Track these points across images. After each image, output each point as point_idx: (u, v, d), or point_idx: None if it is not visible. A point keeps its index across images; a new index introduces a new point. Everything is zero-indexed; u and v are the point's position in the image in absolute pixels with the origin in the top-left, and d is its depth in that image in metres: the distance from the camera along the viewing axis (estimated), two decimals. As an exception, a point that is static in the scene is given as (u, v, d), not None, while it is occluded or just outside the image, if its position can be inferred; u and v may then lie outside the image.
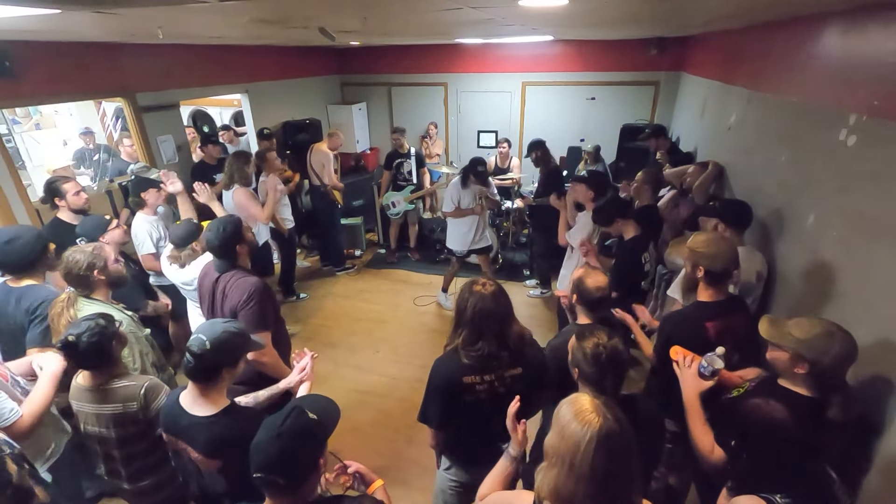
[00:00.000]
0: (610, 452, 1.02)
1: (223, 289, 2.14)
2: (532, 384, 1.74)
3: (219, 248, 2.13)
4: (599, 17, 2.91)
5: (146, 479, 1.81)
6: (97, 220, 2.76)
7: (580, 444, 1.02)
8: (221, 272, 2.17)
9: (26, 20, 2.03)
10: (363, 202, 6.10)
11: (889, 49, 1.66)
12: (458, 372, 1.67)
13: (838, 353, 1.36)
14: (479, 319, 1.63)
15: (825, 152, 2.00)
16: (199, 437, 1.50)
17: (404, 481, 2.80)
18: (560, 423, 1.09)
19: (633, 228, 2.82)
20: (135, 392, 1.68)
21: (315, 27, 2.90)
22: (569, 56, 6.26)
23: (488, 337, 1.64)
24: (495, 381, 1.68)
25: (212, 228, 2.15)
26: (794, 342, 1.40)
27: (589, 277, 1.93)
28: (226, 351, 1.51)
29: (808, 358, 1.38)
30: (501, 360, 1.67)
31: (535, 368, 1.76)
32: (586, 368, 1.44)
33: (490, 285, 1.68)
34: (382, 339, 4.31)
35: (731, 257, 1.89)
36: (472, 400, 1.69)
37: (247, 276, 2.14)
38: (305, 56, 6.53)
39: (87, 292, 2.13)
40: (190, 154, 5.00)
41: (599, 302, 1.92)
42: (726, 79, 3.70)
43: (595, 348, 1.42)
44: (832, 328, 1.39)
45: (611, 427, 1.03)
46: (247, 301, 2.05)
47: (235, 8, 1.94)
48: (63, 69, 3.65)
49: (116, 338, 1.70)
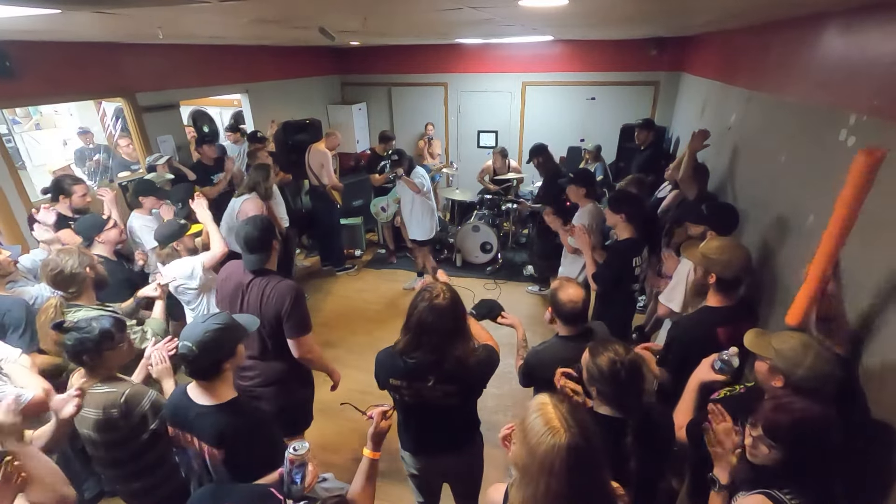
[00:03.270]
0: (581, 468, 1.02)
1: (261, 293, 2.08)
2: (471, 401, 1.75)
3: (258, 241, 2.08)
4: (599, 17, 2.91)
5: (136, 482, 1.78)
6: (94, 220, 2.76)
7: (553, 464, 1.01)
8: (254, 271, 2.11)
9: (26, 20, 2.03)
10: (363, 202, 6.10)
11: (889, 49, 1.66)
12: (390, 371, 1.70)
13: (812, 366, 1.32)
14: (422, 331, 1.60)
15: (825, 152, 2.00)
16: (206, 426, 1.50)
17: (404, 481, 2.80)
18: (528, 439, 1.06)
19: (629, 231, 2.80)
20: (115, 399, 1.65)
21: (315, 27, 2.90)
22: (569, 56, 6.26)
23: (426, 349, 1.61)
24: (423, 391, 1.66)
25: (249, 223, 2.12)
26: (772, 353, 1.40)
27: (561, 291, 1.88)
28: (214, 349, 1.51)
29: (781, 369, 1.36)
30: (434, 374, 1.63)
31: (476, 387, 1.74)
32: (605, 388, 1.38)
33: (443, 298, 1.61)
34: (382, 340, 4.23)
35: (743, 265, 1.88)
36: (399, 399, 1.72)
37: (283, 279, 2.13)
38: (305, 56, 6.53)
39: (74, 295, 2.09)
40: (190, 154, 5.00)
41: (572, 315, 1.88)
42: (726, 79, 3.70)
43: (612, 365, 1.34)
44: (809, 341, 1.38)
45: (579, 442, 1.02)
46: (292, 306, 2.05)
47: (235, 8, 1.94)
48: (63, 69, 3.65)
49: (96, 352, 1.66)
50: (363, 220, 6.04)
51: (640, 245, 2.81)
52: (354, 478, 1.47)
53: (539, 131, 6.51)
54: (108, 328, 1.68)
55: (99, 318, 1.72)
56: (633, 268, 2.75)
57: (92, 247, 2.61)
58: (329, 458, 2.97)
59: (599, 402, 1.46)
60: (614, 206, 2.81)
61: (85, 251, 2.15)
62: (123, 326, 1.80)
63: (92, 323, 1.66)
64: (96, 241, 2.65)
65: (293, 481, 1.29)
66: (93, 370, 1.70)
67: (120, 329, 1.75)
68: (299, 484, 1.29)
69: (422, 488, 2.13)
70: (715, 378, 1.67)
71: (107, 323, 1.69)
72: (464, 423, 1.89)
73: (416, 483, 2.11)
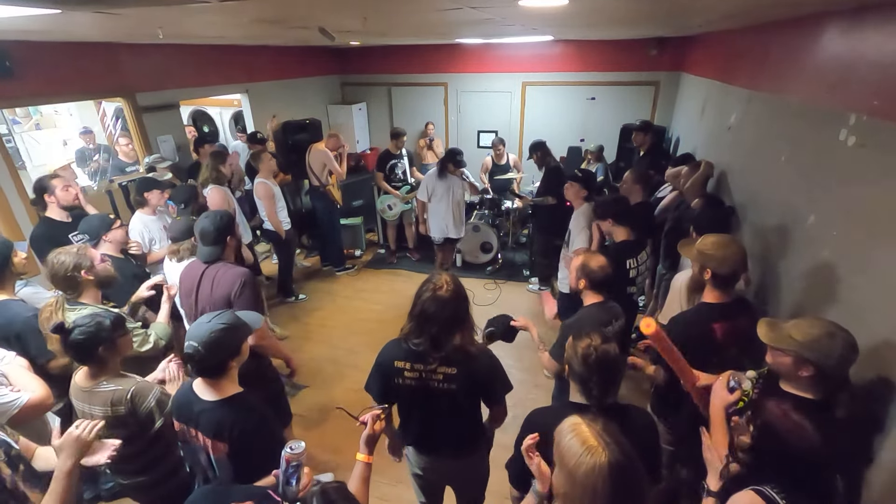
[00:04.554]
0: (625, 486, 0.99)
1: (212, 280, 2.21)
2: (471, 393, 1.76)
3: (213, 234, 2.22)
4: (599, 17, 2.91)
5: (141, 476, 1.82)
6: (101, 219, 2.76)
7: (596, 486, 0.98)
8: (208, 262, 2.24)
9: (26, 20, 2.03)
10: (363, 202, 6.10)
11: (889, 49, 1.66)
12: (394, 354, 1.75)
13: (842, 354, 1.33)
14: (424, 319, 1.65)
15: (825, 152, 2.00)
16: (209, 420, 1.52)
17: (403, 480, 2.80)
18: (566, 462, 1.04)
19: (623, 233, 2.80)
20: (121, 396, 1.67)
21: (315, 27, 2.91)
22: (569, 56, 6.26)
23: (426, 336, 1.66)
24: (424, 373, 1.70)
25: (209, 216, 2.25)
26: (796, 345, 1.37)
27: (591, 260, 2.10)
28: (221, 347, 1.52)
29: (813, 360, 1.35)
30: (435, 359, 1.68)
31: (478, 380, 1.73)
32: (576, 367, 1.47)
33: (446, 289, 1.65)
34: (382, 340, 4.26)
35: (738, 260, 1.88)
36: (402, 384, 1.74)
37: (233, 266, 2.24)
38: (305, 56, 6.53)
39: (74, 294, 2.09)
40: (190, 154, 5.00)
41: (607, 280, 2.10)
42: (726, 79, 3.70)
43: (586, 349, 1.44)
44: (832, 328, 1.36)
45: (620, 459, 1.00)
46: (241, 289, 2.15)
47: (235, 8, 1.94)
48: (63, 69, 3.65)
49: (111, 340, 1.68)
50: (363, 220, 6.04)
51: (634, 246, 2.80)
52: (349, 482, 1.47)
53: (539, 131, 6.50)
54: (117, 315, 1.73)
55: (98, 312, 1.74)
56: (625, 270, 2.73)
57: (99, 245, 2.61)
58: (331, 459, 2.97)
59: (574, 389, 1.53)
60: (598, 213, 2.93)
61: (86, 253, 2.14)
62: (124, 320, 1.84)
63: (96, 316, 1.68)
64: (103, 240, 2.65)
65: (288, 482, 1.29)
66: (102, 366, 1.70)
67: (123, 320, 1.81)
68: (294, 486, 1.30)
69: (424, 489, 2.13)
70: (733, 398, 1.59)
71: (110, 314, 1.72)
72: (468, 426, 1.88)
73: (419, 483, 2.11)
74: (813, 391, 1.40)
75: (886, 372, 1.46)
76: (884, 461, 1.42)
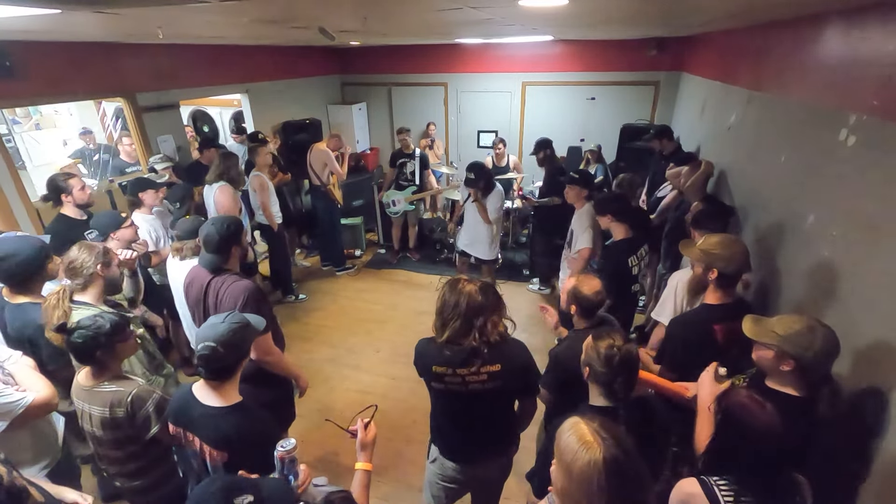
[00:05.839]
0: (622, 482, 0.99)
1: (216, 293, 2.09)
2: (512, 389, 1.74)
3: (218, 243, 2.09)
4: (599, 17, 2.91)
5: (138, 480, 1.81)
6: (112, 217, 2.77)
7: (592, 481, 0.98)
8: (213, 272, 2.13)
9: (26, 20, 2.03)
10: (363, 202, 6.10)
11: (889, 49, 1.66)
12: (433, 359, 1.69)
13: (821, 348, 1.36)
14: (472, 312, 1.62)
15: (825, 152, 2.00)
16: (210, 428, 1.50)
17: (403, 481, 2.81)
18: (563, 459, 1.05)
19: (623, 230, 2.81)
20: (122, 398, 1.66)
21: (315, 27, 2.91)
22: (569, 56, 6.26)
23: (475, 330, 1.63)
24: (467, 377, 1.67)
25: (215, 223, 2.11)
26: (778, 339, 1.41)
27: (584, 285, 1.94)
28: (237, 345, 1.52)
29: (792, 354, 1.38)
30: (479, 360, 1.65)
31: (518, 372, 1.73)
32: (598, 368, 1.45)
33: (474, 281, 1.67)
34: (382, 340, 4.31)
35: (744, 259, 1.89)
36: (441, 388, 1.70)
37: (238, 279, 2.12)
38: (305, 56, 6.53)
39: (81, 285, 2.10)
40: (190, 154, 5.00)
41: (599, 305, 1.95)
42: (726, 79, 3.70)
43: (609, 349, 1.43)
44: (813, 323, 1.39)
45: (616, 454, 1.00)
46: (245, 305, 2.03)
47: (235, 8, 1.94)
48: (63, 69, 3.65)
49: (109, 346, 1.67)
50: (363, 220, 6.04)
51: (634, 244, 2.81)
52: (351, 489, 1.46)
53: (539, 131, 6.46)
54: (118, 320, 1.71)
55: (101, 315, 1.73)
56: (629, 268, 2.75)
57: (105, 242, 2.62)
58: (332, 459, 2.98)
59: (595, 392, 1.51)
60: (599, 209, 2.93)
61: (108, 253, 2.17)
62: (128, 321, 1.82)
63: (97, 319, 1.68)
64: (111, 237, 2.66)
65: (286, 479, 1.29)
66: (101, 367, 1.70)
67: (126, 323, 1.79)
68: (293, 482, 1.29)
69: (443, 497, 2.01)
70: (722, 387, 1.60)
71: (112, 318, 1.72)
72: (506, 426, 1.85)
73: (442, 492, 1.99)
74: (796, 387, 1.42)
75: (886, 372, 1.46)
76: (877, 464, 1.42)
